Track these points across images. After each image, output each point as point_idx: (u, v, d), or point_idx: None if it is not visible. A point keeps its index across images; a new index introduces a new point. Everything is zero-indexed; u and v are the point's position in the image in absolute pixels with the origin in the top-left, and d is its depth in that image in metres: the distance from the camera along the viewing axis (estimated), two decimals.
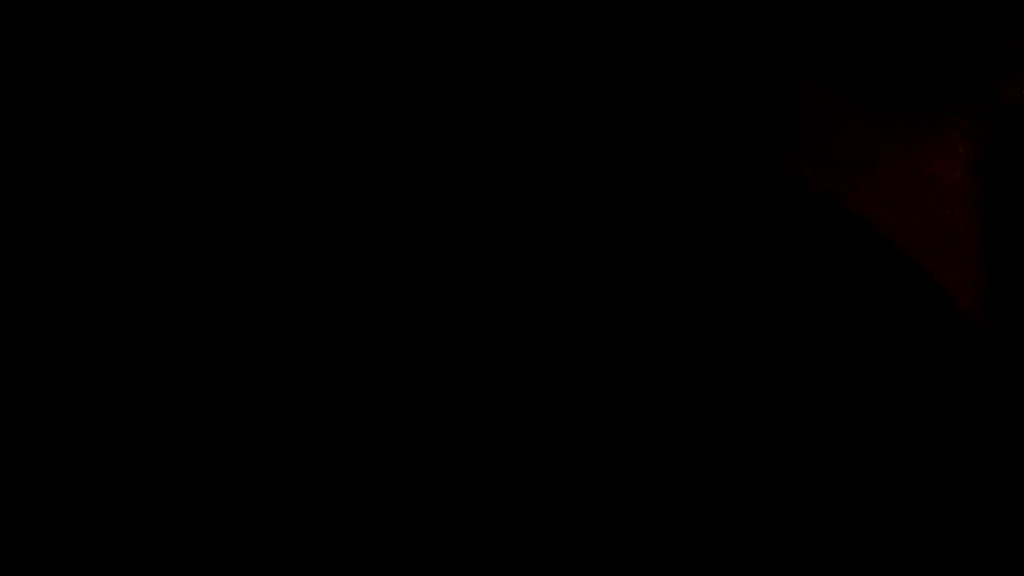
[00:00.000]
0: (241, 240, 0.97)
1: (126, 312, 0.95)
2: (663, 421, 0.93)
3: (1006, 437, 1.07)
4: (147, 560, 0.89)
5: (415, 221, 1.00)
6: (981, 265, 1.17)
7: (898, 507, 0.98)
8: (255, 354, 0.94)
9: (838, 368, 1.02)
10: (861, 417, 0.99)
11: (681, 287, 1.00)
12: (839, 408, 0.98)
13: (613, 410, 0.95)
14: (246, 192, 0.99)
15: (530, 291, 0.97)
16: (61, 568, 0.90)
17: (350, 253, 0.97)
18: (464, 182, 1.04)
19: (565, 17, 1.14)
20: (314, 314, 0.96)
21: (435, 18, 1.10)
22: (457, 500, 0.90)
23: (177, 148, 0.98)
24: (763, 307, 1.01)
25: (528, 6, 1.14)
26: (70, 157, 0.99)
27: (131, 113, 0.99)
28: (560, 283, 0.98)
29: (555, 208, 1.02)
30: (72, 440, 0.92)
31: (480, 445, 0.91)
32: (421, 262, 0.98)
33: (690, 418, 0.95)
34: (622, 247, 1.02)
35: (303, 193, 1.00)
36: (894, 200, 1.19)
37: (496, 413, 0.92)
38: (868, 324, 1.07)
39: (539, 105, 1.10)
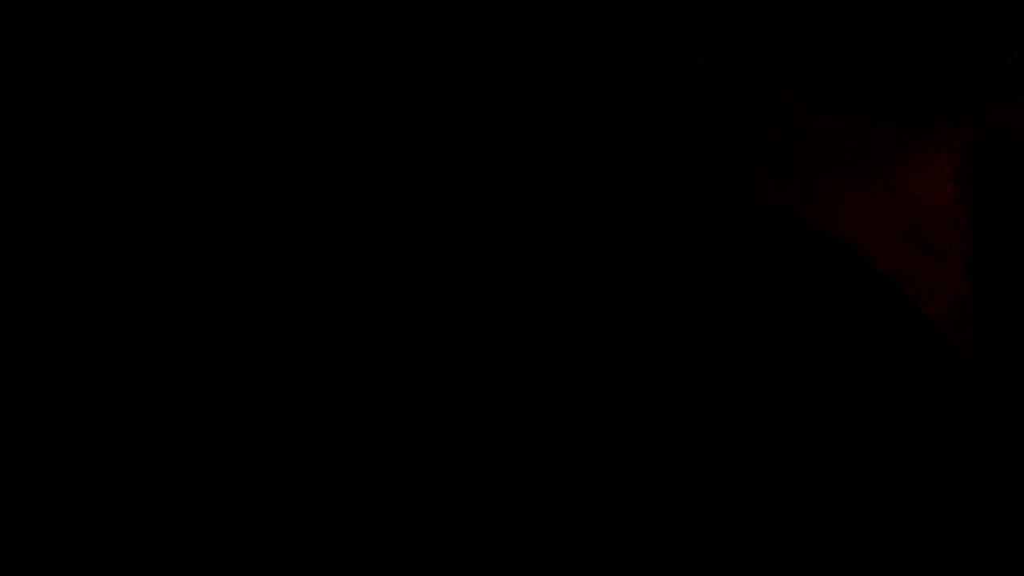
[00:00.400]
0: (240, 240, 0.97)
1: (125, 312, 0.95)
2: (656, 428, 0.94)
3: (983, 450, 1.08)
4: (147, 560, 0.89)
5: (414, 224, 1.01)
6: (965, 286, 1.19)
7: (875, 511, 0.99)
8: (255, 355, 0.94)
9: (811, 384, 1.03)
10: (835, 429, 1.00)
11: (658, 307, 1.01)
12: (813, 421, 0.99)
13: (605, 421, 0.96)
14: (245, 192, 0.99)
15: (525, 296, 0.98)
16: (61, 568, 0.90)
17: (347, 254, 0.97)
18: (456, 191, 1.05)
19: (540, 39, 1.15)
20: (313, 315, 0.96)
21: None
22: (457, 501, 0.91)
23: (177, 148, 0.98)
24: (737, 327, 1.02)
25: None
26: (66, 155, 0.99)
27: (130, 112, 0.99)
28: (551, 286, 0.98)
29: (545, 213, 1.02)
30: (71, 440, 0.92)
31: (480, 446, 0.92)
32: (420, 264, 0.98)
33: (676, 426, 0.96)
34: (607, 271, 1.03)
35: (302, 193, 1.00)
36: (876, 220, 1.20)
37: (498, 415, 0.93)
38: (842, 342, 1.08)
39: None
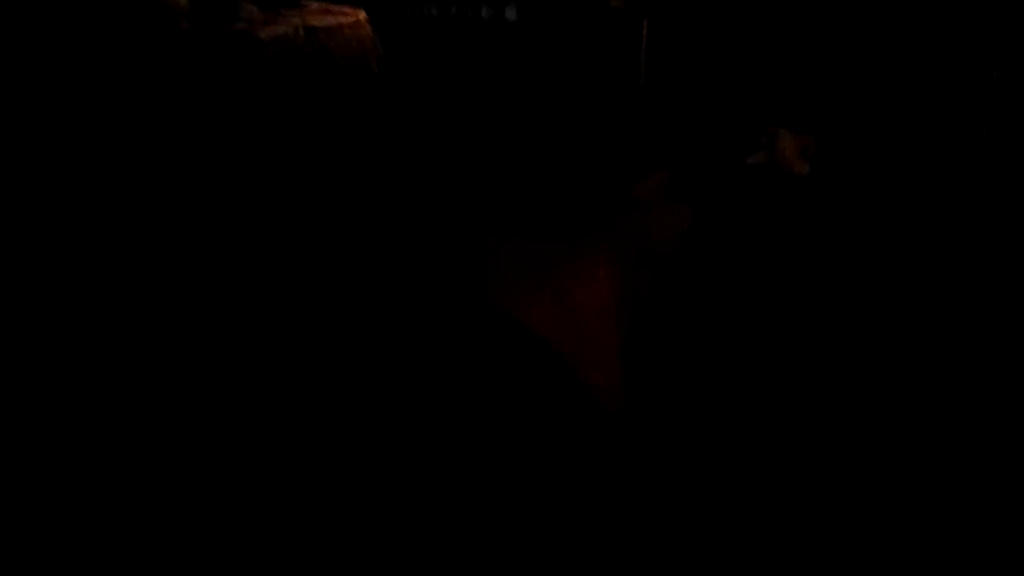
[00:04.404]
0: (240, 241, 0.91)
1: (126, 311, 0.84)
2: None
3: (628, 482, 1.37)
4: (146, 559, 0.81)
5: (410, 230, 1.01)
6: (618, 365, 1.48)
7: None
8: (255, 354, 0.88)
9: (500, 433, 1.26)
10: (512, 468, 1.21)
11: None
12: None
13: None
14: (245, 194, 0.93)
15: None
16: (60, 567, 0.80)
17: (347, 255, 0.95)
18: None
19: None
20: (311, 313, 0.92)
21: None
22: (457, 498, 0.92)
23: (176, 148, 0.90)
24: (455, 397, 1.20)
25: None
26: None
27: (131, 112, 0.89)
28: None
29: None
30: (71, 439, 0.81)
31: (481, 445, 0.94)
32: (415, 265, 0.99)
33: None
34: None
35: (302, 196, 0.96)
36: (557, 316, 1.48)
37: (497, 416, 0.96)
38: (520, 408, 1.33)
39: None
